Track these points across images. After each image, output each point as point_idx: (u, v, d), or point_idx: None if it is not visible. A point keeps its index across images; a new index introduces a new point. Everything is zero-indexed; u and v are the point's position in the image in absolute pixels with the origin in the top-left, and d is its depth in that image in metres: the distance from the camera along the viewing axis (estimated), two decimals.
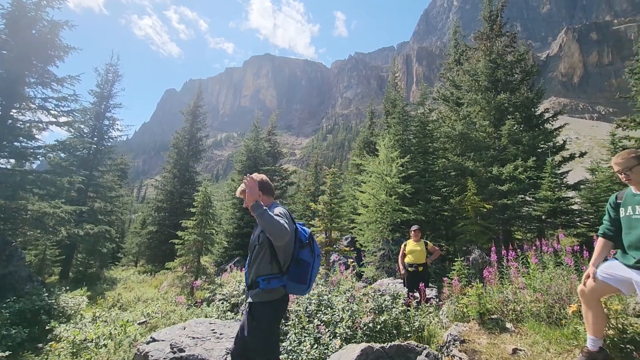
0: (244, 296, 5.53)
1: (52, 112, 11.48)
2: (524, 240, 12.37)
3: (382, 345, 3.48)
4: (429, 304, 5.37)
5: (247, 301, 2.56)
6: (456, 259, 6.24)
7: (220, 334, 4.22)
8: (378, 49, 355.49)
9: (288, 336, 4.25)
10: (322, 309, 4.86)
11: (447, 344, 3.96)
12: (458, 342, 3.91)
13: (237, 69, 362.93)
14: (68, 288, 9.86)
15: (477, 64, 15.33)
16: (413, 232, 6.77)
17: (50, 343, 5.07)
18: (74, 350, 4.63)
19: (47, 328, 6.36)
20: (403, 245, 6.82)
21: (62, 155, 14.46)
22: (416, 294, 5.39)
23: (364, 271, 10.01)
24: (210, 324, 4.45)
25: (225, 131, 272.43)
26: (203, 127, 25.53)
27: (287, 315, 4.91)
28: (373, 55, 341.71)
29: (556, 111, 15.14)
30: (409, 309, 4.63)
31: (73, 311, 7.61)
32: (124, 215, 30.94)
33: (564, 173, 13.05)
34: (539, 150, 13.33)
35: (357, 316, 4.43)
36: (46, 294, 8.09)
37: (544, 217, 11.72)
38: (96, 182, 17.81)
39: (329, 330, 4.30)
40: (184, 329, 4.29)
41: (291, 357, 3.84)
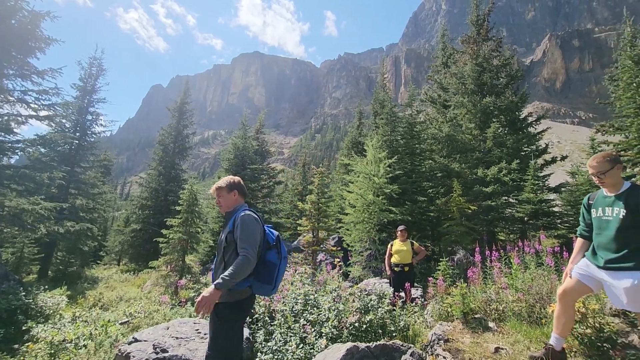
0: None
1: (32, 105, 11.12)
2: (507, 241, 12.65)
3: (368, 344, 3.50)
4: (414, 303, 5.43)
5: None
6: (441, 259, 6.32)
7: (205, 334, 4.16)
8: (367, 49, 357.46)
9: (274, 336, 4.23)
10: (309, 308, 4.85)
11: (432, 343, 4.00)
12: (442, 342, 3.96)
13: (225, 66, 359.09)
14: (47, 287, 9.55)
15: (464, 67, 15.59)
16: (400, 232, 6.83)
17: (27, 344, 4.90)
18: (51, 351, 4.49)
19: (23, 328, 6.15)
20: (390, 245, 6.87)
21: (42, 150, 14.02)
22: (402, 294, 5.45)
23: (350, 271, 10.06)
24: (195, 323, 4.39)
25: (212, 129, 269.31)
26: (190, 124, 25.15)
27: (273, 315, 4.89)
28: (362, 56, 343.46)
29: (539, 115, 15.54)
30: (394, 308, 4.67)
31: (52, 311, 7.39)
32: (107, 212, 30.22)
33: (545, 176, 13.41)
34: (522, 153, 13.64)
35: (343, 316, 4.44)
36: (23, 293, 7.82)
37: (526, 218, 12.01)
38: (78, 178, 17.33)
39: (314, 330, 4.29)
40: (168, 329, 4.22)
41: (277, 357, 3.81)
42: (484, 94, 14.79)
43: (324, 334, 4.18)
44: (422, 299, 5.93)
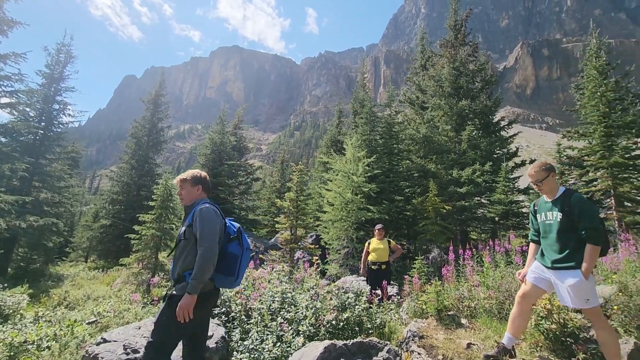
0: None
1: None
2: (479, 240, 13.10)
3: (345, 342, 3.52)
4: (390, 301, 5.51)
5: (169, 292, 2.52)
6: (417, 258, 6.46)
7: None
8: (348, 49, 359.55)
9: (250, 334, 4.18)
10: (286, 306, 4.82)
11: (407, 340, 4.07)
12: (417, 338, 4.03)
13: (203, 58, 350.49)
14: (6, 285, 9.00)
15: (442, 70, 15.98)
16: (377, 230, 6.91)
17: None
18: (11, 354, 4.22)
19: None
20: (367, 244, 6.94)
21: (2, 139, 13.16)
22: (378, 291, 5.52)
23: (327, 269, 10.09)
24: None
25: (188, 122, 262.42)
26: (165, 117, 24.37)
27: (250, 313, 4.83)
28: (343, 55, 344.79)
29: (511, 120, 16.17)
30: (371, 306, 4.72)
31: (11, 310, 6.95)
32: (74, 207, 28.87)
33: (515, 178, 13.98)
34: (494, 155, 14.15)
35: (320, 314, 4.45)
36: None
37: (497, 218, 12.49)
38: (43, 170, 16.39)
39: (291, 328, 4.28)
40: (139, 328, 4.07)
41: (253, 355, 3.77)
42: (460, 97, 15.22)
43: (301, 332, 4.17)
44: (398, 297, 6.03)
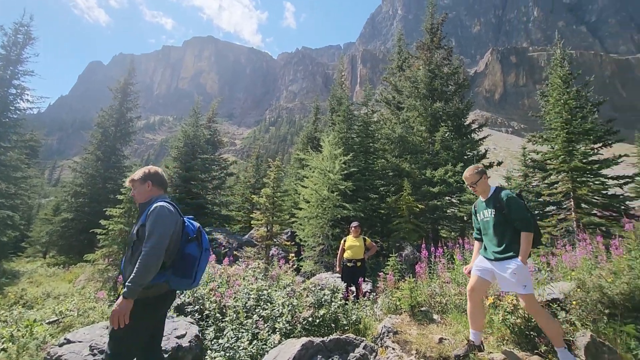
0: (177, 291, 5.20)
1: None
2: (449, 238, 13.58)
3: (322, 339, 3.54)
4: (365, 297, 5.60)
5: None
6: (390, 255, 6.59)
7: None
8: (325, 46, 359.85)
9: (225, 332, 4.11)
10: (262, 304, 4.78)
11: (382, 336, 4.15)
12: (391, 334, 4.12)
13: (176, 48, 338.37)
14: None
15: (418, 72, 16.33)
16: (353, 228, 6.99)
17: None
18: None
19: None
20: (343, 241, 7.00)
21: None
22: (353, 288, 5.59)
23: (302, 265, 10.10)
24: None
25: (159, 114, 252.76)
26: (134, 107, 23.29)
27: (224, 311, 4.74)
28: (320, 51, 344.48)
29: (481, 123, 16.82)
30: (347, 303, 4.77)
31: None
32: (32, 199, 27.08)
33: None
34: (465, 157, 14.67)
35: (297, 311, 4.45)
36: None
37: (466, 217, 12.99)
38: None
39: (267, 326, 4.25)
40: (107, 328, 3.89)
41: (229, 354, 3.71)
42: (434, 99, 15.63)
43: (277, 330, 4.16)
44: (373, 293, 6.13)
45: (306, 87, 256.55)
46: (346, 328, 4.43)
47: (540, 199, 13.58)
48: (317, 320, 4.33)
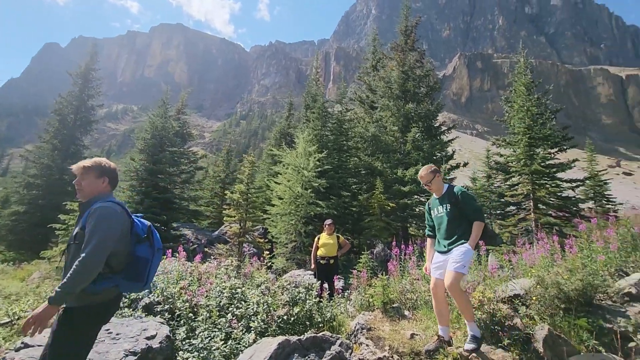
0: (146, 291, 4.99)
1: None
2: (418, 236, 14.02)
3: (299, 337, 3.55)
4: (339, 295, 5.66)
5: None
6: (362, 252, 6.71)
7: (117, 334, 3.75)
8: (299, 41, 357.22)
9: (197, 332, 4.01)
10: (235, 302, 4.71)
11: (355, 332, 4.21)
12: (365, 330, 4.19)
13: (142, 34, 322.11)
14: None
15: (392, 72, 16.64)
16: (327, 226, 7.03)
17: None
18: None
19: None
20: (316, 239, 7.03)
21: None
22: (326, 285, 5.64)
23: (273, 262, 10.03)
24: None
25: (123, 102, 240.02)
26: (97, 94, 22.01)
27: (196, 310, 4.63)
28: (294, 46, 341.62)
29: (450, 125, 17.47)
30: (321, 300, 4.80)
31: None
32: None
33: (451, 179, 15.19)
34: (434, 157, 15.17)
35: (271, 309, 4.43)
36: None
37: None
38: None
39: (241, 324, 4.19)
40: None
41: (202, 354, 3.63)
42: (407, 100, 16.00)
43: (252, 328, 4.12)
44: (346, 290, 6.22)
45: (279, 82, 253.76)
46: (321, 325, 4.46)
47: (503, 200, 14.34)
48: (292, 318, 4.33)
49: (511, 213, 14.16)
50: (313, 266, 6.86)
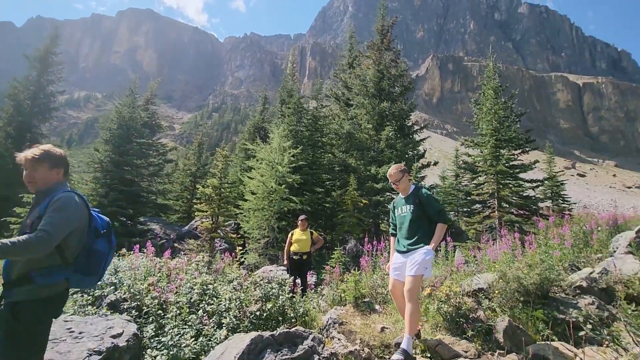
0: (111, 288, 4.80)
1: None
2: (388, 232, 14.35)
3: (272, 333, 3.55)
4: (312, 290, 5.71)
5: (6, 300, 2.02)
6: (335, 248, 6.79)
7: (80, 333, 3.58)
8: (275, 34, 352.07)
9: (167, 330, 3.92)
10: (207, 298, 4.64)
11: (327, 327, 4.28)
12: (337, 324, 4.26)
13: (108, 17, 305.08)
14: None
15: (368, 71, 16.83)
16: (300, 221, 7.06)
17: None
18: None
19: None
20: (290, 234, 7.04)
21: None
22: (298, 281, 5.68)
23: (245, 258, 9.94)
24: (65, 321, 3.73)
25: (85, 89, 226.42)
26: (57, 80, 20.66)
27: (165, 306, 4.51)
28: (269, 39, 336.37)
29: (422, 125, 17.96)
30: (294, 295, 4.83)
31: None
32: None
33: (422, 177, 15.65)
34: (407, 155, 15.54)
35: (244, 305, 4.40)
36: None
37: None
38: None
39: (213, 321, 4.14)
40: None
41: (171, 352, 3.55)
42: (382, 99, 16.24)
43: (224, 325, 4.07)
44: (319, 286, 6.28)
45: (253, 75, 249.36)
46: (293, 321, 4.48)
47: (469, 198, 14.96)
48: (265, 314, 4.33)
49: (477, 211, 14.82)
50: (285, 262, 6.87)
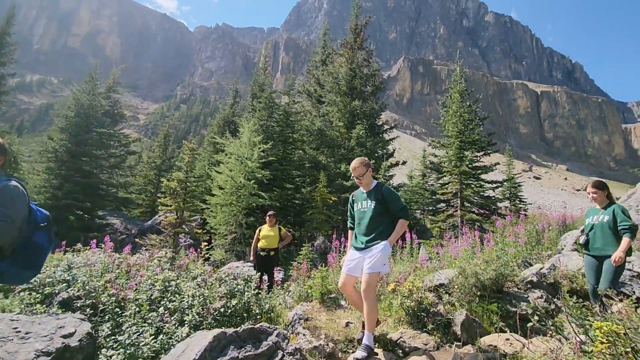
0: (63, 285, 4.53)
1: None
2: None
3: (236, 329, 3.49)
4: (278, 286, 5.69)
5: None
6: (304, 245, 6.80)
7: (27, 333, 3.36)
8: (248, 27, 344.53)
9: (125, 328, 3.75)
10: (168, 295, 4.49)
11: (293, 323, 4.29)
12: (302, 320, 4.29)
13: None
14: None
15: (340, 69, 16.92)
16: (268, 217, 7.02)
17: None
18: None
19: None
20: (258, 230, 6.98)
21: None
22: (265, 277, 5.64)
23: (212, 254, 9.71)
24: (12, 320, 3.49)
25: (39, 73, 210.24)
26: (9, 62, 19.05)
27: (123, 304, 4.32)
28: (242, 31, 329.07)
29: (392, 125, 18.35)
30: (260, 292, 4.79)
31: None
32: None
33: (391, 176, 16.01)
34: (376, 154, 15.83)
35: (208, 301, 4.30)
36: None
37: None
38: None
39: (174, 318, 4.01)
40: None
41: (129, 351, 3.40)
42: (353, 97, 16.40)
43: (186, 322, 3.96)
44: (286, 282, 6.27)
45: (224, 67, 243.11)
46: (259, 317, 4.45)
47: (435, 197, 15.50)
48: (230, 311, 4.25)
49: (441, 209, 15.39)
50: (252, 258, 6.80)
